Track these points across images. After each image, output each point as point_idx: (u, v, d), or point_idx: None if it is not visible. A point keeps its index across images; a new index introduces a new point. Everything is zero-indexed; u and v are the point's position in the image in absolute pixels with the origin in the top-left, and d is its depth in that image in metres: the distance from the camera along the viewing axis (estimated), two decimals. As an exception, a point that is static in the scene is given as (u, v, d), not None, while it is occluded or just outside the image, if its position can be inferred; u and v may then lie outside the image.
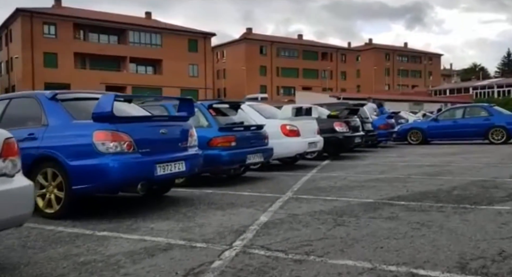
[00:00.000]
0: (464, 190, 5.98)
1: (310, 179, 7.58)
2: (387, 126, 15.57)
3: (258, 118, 9.16)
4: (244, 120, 7.83)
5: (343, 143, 11.29)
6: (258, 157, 7.40)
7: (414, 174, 7.87)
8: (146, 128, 4.99)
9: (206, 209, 5.11)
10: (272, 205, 5.26)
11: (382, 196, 5.68)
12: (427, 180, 7.05)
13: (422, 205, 4.99)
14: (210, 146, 6.78)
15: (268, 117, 9.30)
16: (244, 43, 67.18)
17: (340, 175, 7.93)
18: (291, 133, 8.98)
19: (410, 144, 16.63)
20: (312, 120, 9.91)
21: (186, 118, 5.71)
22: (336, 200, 5.46)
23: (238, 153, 6.95)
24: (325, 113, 11.81)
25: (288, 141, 8.91)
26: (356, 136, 11.66)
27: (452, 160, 10.16)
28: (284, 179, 7.57)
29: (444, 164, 9.47)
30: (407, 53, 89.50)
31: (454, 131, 16.12)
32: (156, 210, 5.13)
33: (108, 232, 4.15)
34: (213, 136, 6.81)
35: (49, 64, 45.18)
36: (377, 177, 7.61)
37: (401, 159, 10.88)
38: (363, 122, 13.64)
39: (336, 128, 11.18)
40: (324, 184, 6.88)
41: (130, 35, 51.24)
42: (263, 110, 9.68)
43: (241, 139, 7.10)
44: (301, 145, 9.11)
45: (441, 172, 8.06)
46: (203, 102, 7.27)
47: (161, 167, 4.96)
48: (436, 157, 11.28)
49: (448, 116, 16.95)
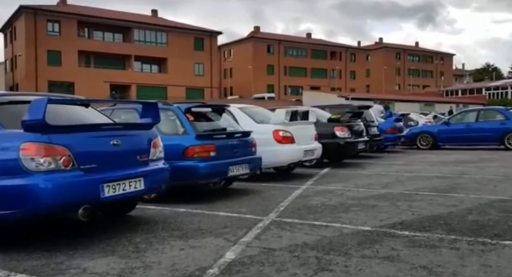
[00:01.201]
0: (481, 213, 5.01)
1: (303, 193, 6.64)
2: (395, 130, 14.56)
3: (248, 123, 8.25)
4: (229, 126, 6.91)
5: (345, 149, 10.33)
6: (243, 168, 6.48)
7: (421, 189, 6.89)
8: (91, 140, 4.08)
9: (166, 238, 4.20)
10: (247, 232, 4.34)
11: (382, 221, 4.73)
12: (437, 198, 6.08)
13: (430, 237, 4.03)
14: (185, 156, 5.88)
15: (260, 122, 8.39)
16: (252, 42, 66.21)
17: (338, 189, 6.98)
18: (285, 140, 8.04)
19: (419, 149, 15.61)
20: (309, 125, 8.96)
21: (148, 126, 4.80)
22: (326, 227, 4.52)
23: (218, 164, 6.04)
24: (326, 116, 10.85)
25: (281, 148, 7.98)
26: (359, 142, 10.69)
27: (465, 170, 9.15)
28: (272, 194, 6.64)
29: (456, 175, 8.47)
30: (418, 53, 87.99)
31: (466, 136, 15.07)
32: (106, 237, 4.24)
33: (27, 275, 3.26)
34: (189, 145, 5.89)
35: (53, 62, 44.63)
36: (379, 192, 6.64)
37: (408, 168, 9.90)
38: (368, 126, 12.68)
39: (337, 133, 10.22)
40: (316, 201, 5.94)
41: (135, 33, 50.57)
42: (256, 114, 8.76)
43: (223, 147, 6.18)
44: (296, 153, 8.17)
45: (453, 186, 7.07)
46: (180, 105, 6.35)
47: (110, 187, 4.06)
48: (447, 165, 10.27)
49: (461, 119, 15.89)
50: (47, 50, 44.36)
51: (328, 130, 10.30)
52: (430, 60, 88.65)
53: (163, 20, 55.56)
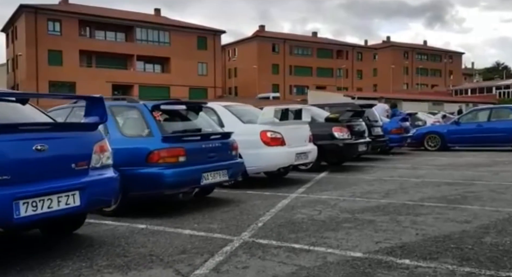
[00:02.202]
0: (502, 233, 4.08)
1: (290, 204, 5.74)
2: (401, 131, 13.58)
3: (233, 123, 7.39)
4: (206, 126, 6.03)
5: (344, 151, 9.41)
6: (221, 175, 5.59)
7: (428, 198, 5.96)
8: (3, 144, 3.22)
9: (101, 269, 3.32)
10: (207, 260, 3.46)
11: (378, 243, 3.83)
12: (446, 210, 5.15)
13: (437, 269, 3.12)
14: (149, 161, 5.00)
15: (248, 122, 7.51)
16: (256, 41, 65.26)
17: (331, 199, 6.08)
18: (274, 142, 7.15)
19: (427, 150, 14.63)
20: (303, 125, 8.05)
21: (92, 126, 3.93)
22: (308, 252, 3.62)
23: (188, 171, 5.15)
24: (324, 115, 9.92)
25: (269, 151, 7.09)
26: (360, 143, 9.76)
27: (478, 176, 8.19)
28: (254, 205, 5.74)
29: (468, 181, 7.52)
30: (426, 52, 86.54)
31: (478, 136, 14.06)
32: (29, 265, 3.37)
33: None
34: (153, 149, 5.01)
35: (54, 62, 44.03)
36: (379, 203, 5.73)
37: (414, 172, 8.95)
38: (371, 126, 11.73)
39: (335, 134, 9.30)
40: (303, 215, 5.04)
41: (138, 32, 49.87)
42: (244, 113, 7.88)
43: (195, 151, 5.30)
44: (286, 156, 7.27)
45: (465, 195, 6.13)
46: (147, 103, 5.48)
47: (29, 204, 3.20)
48: (458, 169, 9.32)
49: (471, 119, 14.86)
50: (48, 50, 43.77)
51: (326, 131, 9.39)
52: (439, 59, 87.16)
53: (166, 19, 54.80)
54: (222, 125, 7.46)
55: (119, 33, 49.88)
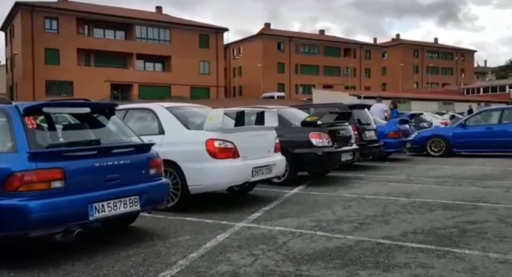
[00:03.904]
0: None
1: (223, 243, 4.23)
2: (398, 134, 11.96)
3: (175, 129, 5.95)
4: (115, 135, 4.54)
5: (323, 161, 7.86)
6: (127, 204, 4.08)
7: (413, 232, 4.41)
8: None
9: None
10: None
11: None
12: (433, 259, 3.60)
13: None
14: (6, 189, 3.51)
15: (197, 128, 6.00)
16: (261, 39, 63.60)
17: (284, 232, 4.56)
18: (223, 153, 5.64)
19: (430, 156, 13.01)
20: (266, 132, 6.51)
21: None
22: None
23: (67, 201, 3.65)
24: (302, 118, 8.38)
25: (217, 165, 5.58)
26: (344, 151, 8.19)
27: (485, 193, 6.61)
28: (175, 243, 4.23)
29: (470, 202, 5.95)
30: (437, 49, 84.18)
31: (487, 140, 12.41)
32: None
33: None
34: (13, 171, 3.52)
35: (51, 61, 42.91)
36: (344, 241, 4.19)
37: (406, 188, 7.38)
38: (363, 130, 10.19)
39: (312, 140, 7.76)
40: (226, 268, 3.53)
41: (137, 30, 48.57)
42: (192, 117, 6.38)
43: (82, 172, 3.80)
44: (239, 171, 5.75)
45: (464, 228, 4.57)
46: (21, 104, 3.97)
47: None
48: (461, 182, 7.73)
49: (480, 120, 13.20)
50: (44, 49, 42.63)
51: (302, 137, 7.86)
52: (450, 57, 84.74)
53: (166, 16, 53.44)
54: (163, 132, 6.00)
55: (118, 31, 48.60)
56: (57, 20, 43.64)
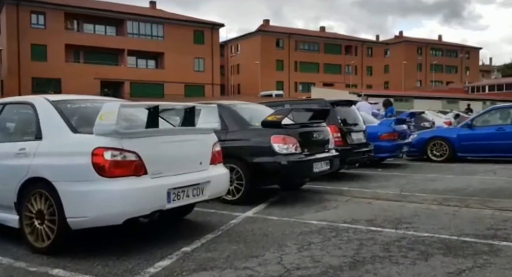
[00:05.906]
0: None
1: None
2: (393, 136, 10.11)
3: (56, 131, 4.15)
4: None
5: (288, 173, 6.04)
6: None
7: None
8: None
9: None
10: None
11: None
12: None
13: None
14: None
15: (87, 132, 4.09)
16: (260, 36, 61.72)
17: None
18: (118, 169, 3.81)
19: (431, 161, 11.18)
20: (199, 136, 4.66)
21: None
22: None
23: None
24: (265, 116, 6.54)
25: (108, 187, 3.75)
26: (318, 159, 6.34)
27: (503, 221, 4.77)
28: None
29: (487, 236, 4.13)
30: (441, 47, 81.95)
31: (498, 143, 10.57)
32: None
33: None
34: None
35: (37, 57, 41.12)
36: None
37: (395, 210, 5.56)
38: (348, 132, 8.35)
39: (274, 146, 5.95)
40: None
41: (129, 25, 46.73)
42: (89, 114, 4.51)
43: None
44: (145, 195, 3.90)
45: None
46: None
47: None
48: (468, 202, 5.90)
49: (488, 120, 11.35)
50: (31, 44, 40.87)
51: (262, 142, 6.06)
52: (455, 55, 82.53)
53: (159, 11, 51.53)
54: (40, 136, 4.19)
55: (109, 26, 46.73)
56: (44, 14, 41.83)
